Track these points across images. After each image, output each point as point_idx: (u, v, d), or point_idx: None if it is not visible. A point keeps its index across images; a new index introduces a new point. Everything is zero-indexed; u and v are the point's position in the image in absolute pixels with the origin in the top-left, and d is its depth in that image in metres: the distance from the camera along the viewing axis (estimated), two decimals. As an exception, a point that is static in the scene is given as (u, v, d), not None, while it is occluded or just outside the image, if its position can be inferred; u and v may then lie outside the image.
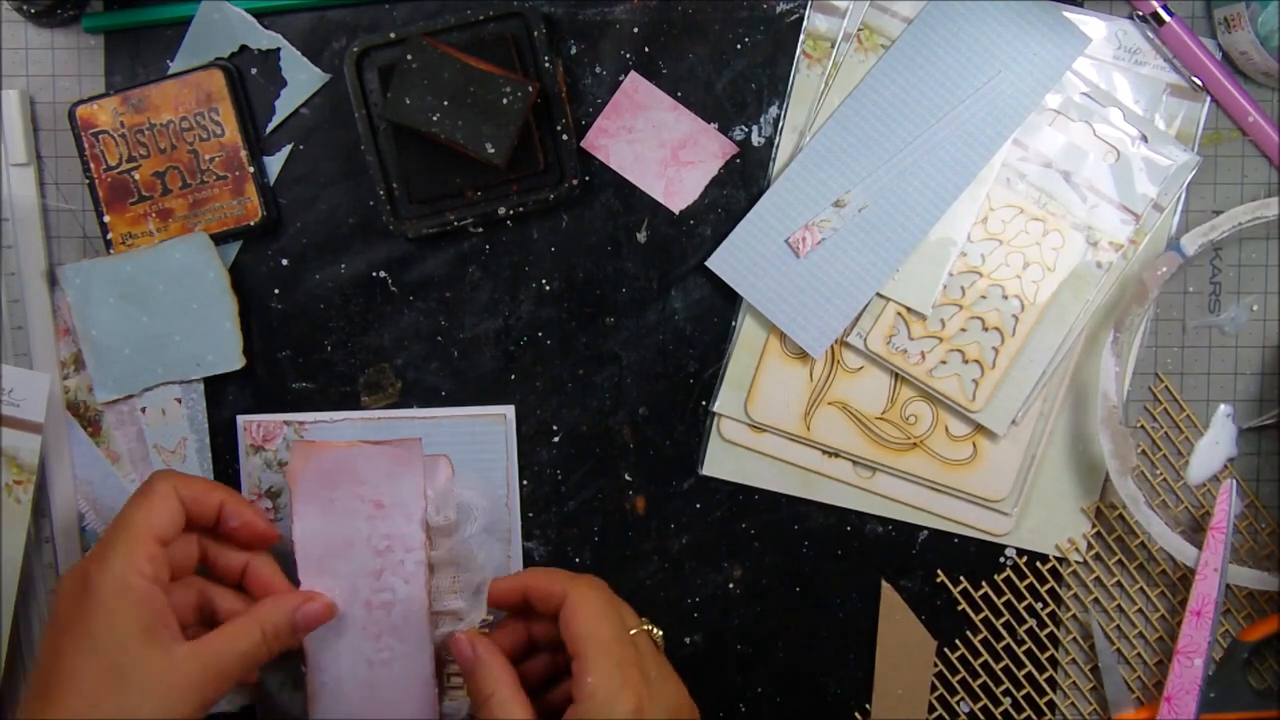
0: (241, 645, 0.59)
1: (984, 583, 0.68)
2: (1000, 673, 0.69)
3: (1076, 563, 0.68)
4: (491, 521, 0.68)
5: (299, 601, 0.62)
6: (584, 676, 0.57)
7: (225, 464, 0.68)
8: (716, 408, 0.67)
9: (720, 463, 0.68)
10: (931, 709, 0.69)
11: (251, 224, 0.66)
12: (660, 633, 0.63)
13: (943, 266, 0.66)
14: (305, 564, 0.65)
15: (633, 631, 0.60)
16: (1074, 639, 0.69)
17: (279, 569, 0.64)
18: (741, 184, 0.67)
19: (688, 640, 0.69)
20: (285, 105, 0.67)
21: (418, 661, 0.66)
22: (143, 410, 0.67)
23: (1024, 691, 0.68)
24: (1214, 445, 0.67)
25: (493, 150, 0.61)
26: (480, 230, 0.67)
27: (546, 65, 0.64)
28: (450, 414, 0.68)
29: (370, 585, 0.65)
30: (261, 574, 0.63)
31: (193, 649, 0.57)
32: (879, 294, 0.66)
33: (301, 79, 0.66)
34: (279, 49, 0.66)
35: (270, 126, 0.67)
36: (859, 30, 0.66)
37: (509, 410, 0.68)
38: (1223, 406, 0.67)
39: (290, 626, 0.61)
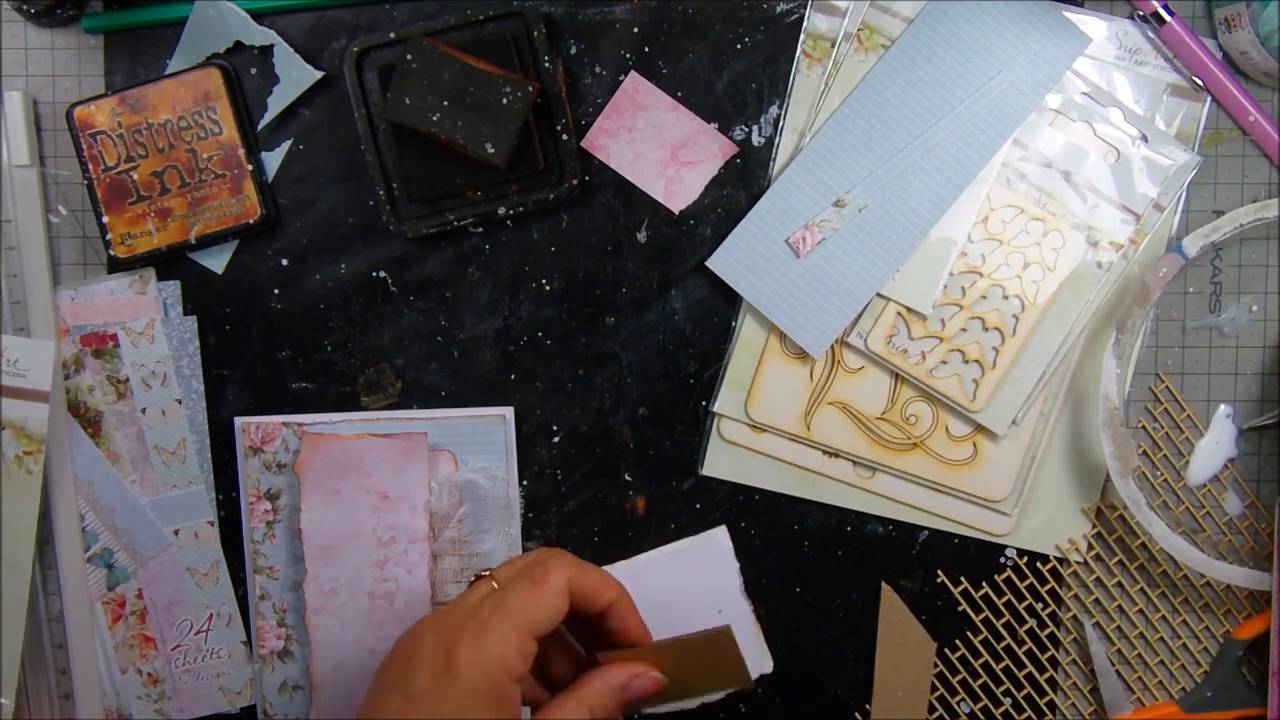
0: None
1: (984, 583, 0.68)
2: (1000, 673, 0.69)
3: (1077, 563, 0.68)
4: (495, 503, 0.68)
5: (626, 678, 0.57)
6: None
7: (225, 465, 0.68)
8: (716, 408, 0.67)
9: (720, 463, 0.68)
10: (932, 709, 0.69)
11: (250, 222, 0.66)
12: None
13: (943, 266, 0.66)
14: (311, 553, 0.66)
15: None
16: (1074, 639, 0.69)
17: (639, 618, 0.59)
18: (741, 184, 0.67)
19: (688, 640, 0.69)
20: (278, 101, 0.66)
21: None
22: (143, 411, 0.67)
23: (1024, 692, 0.69)
24: (1214, 445, 0.67)
25: (493, 150, 0.61)
26: (480, 230, 0.67)
27: (546, 65, 0.64)
28: (450, 415, 0.68)
29: (374, 575, 0.66)
30: (628, 615, 0.58)
31: None
32: (879, 294, 0.66)
33: (294, 75, 0.66)
34: (273, 45, 0.66)
35: (263, 123, 0.67)
36: (859, 30, 0.66)
37: (508, 411, 0.68)
38: (1223, 407, 0.67)
39: (618, 704, 0.57)
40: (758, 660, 0.68)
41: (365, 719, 0.54)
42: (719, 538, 0.68)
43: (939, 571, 0.68)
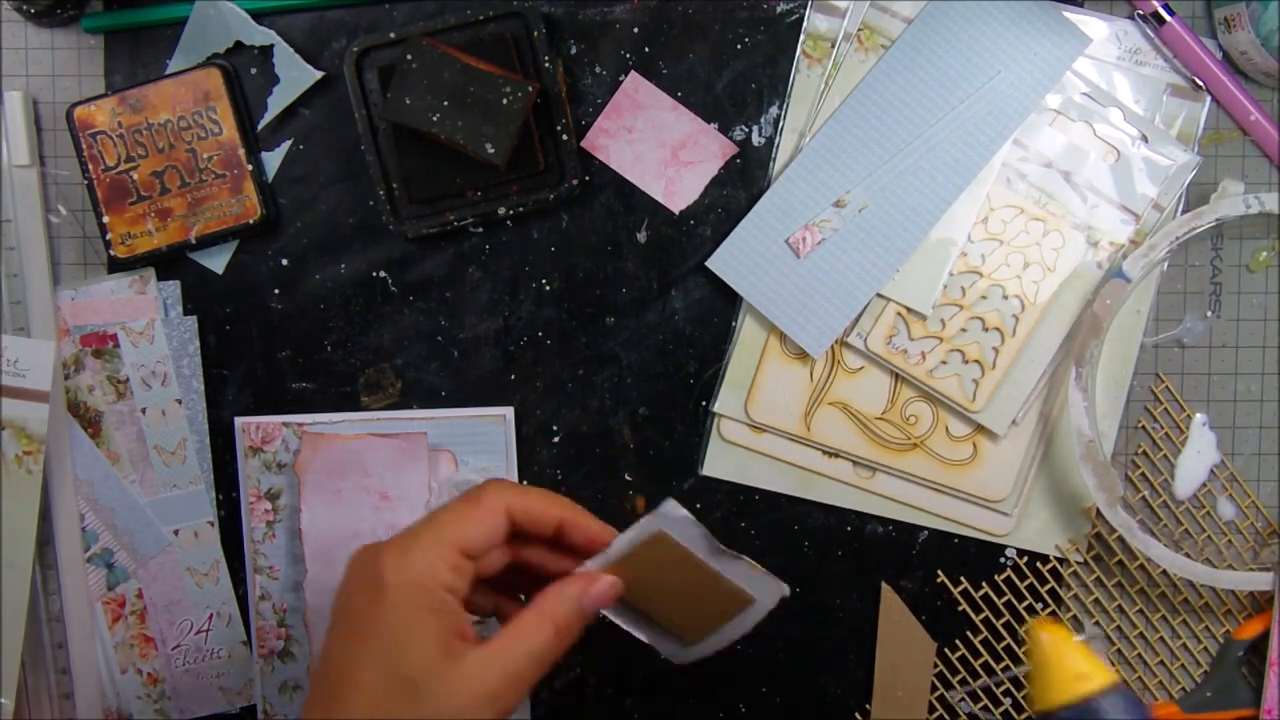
0: (533, 645, 0.53)
1: (984, 583, 0.68)
2: (1001, 673, 0.69)
3: (1077, 563, 0.68)
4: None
5: (582, 587, 0.55)
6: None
7: (225, 465, 0.68)
8: (716, 408, 0.67)
9: (720, 463, 0.68)
10: (932, 709, 0.69)
11: (250, 222, 0.66)
12: None
13: (943, 266, 0.66)
14: (311, 553, 0.66)
15: None
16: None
17: (599, 525, 0.57)
18: (741, 184, 0.67)
19: (688, 640, 0.69)
20: (278, 101, 0.66)
21: None
22: (143, 411, 0.67)
23: (1025, 692, 0.68)
24: (1196, 455, 0.67)
25: (493, 150, 0.61)
26: (480, 230, 0.67)
27: (546, 65, 0.64)
28: (450, 415, 0.68)
29: None
30: (583, 526, 0.57)
31: (484, 656, 0.52)
32: (879, 294, 0.66)
33: (293, 75, 0.66)
34: (273, 45, 0.66)
35: (263, 123, 0.67)
36: (859, 30, 0.66)
37: (508, 411, 0.68)
38: (1198, 416, 0.67)
39: (579, 615, 0.55)
40: (771, 587, 0.60)
41: (322, 658, 0.54)
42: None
43: (939, 571, 0.68)
